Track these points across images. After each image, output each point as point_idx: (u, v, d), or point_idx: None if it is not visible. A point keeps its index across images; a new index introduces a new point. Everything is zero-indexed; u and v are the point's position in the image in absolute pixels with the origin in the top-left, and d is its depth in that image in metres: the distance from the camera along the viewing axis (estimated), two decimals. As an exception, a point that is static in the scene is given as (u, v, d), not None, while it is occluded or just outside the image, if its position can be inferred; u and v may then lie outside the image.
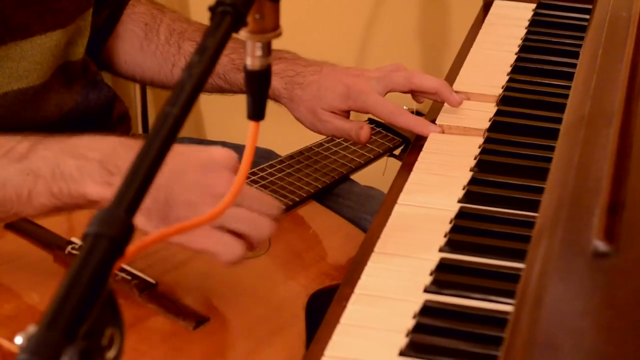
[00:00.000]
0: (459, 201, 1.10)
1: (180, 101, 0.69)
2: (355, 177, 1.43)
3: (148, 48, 1.45)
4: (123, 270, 1.05)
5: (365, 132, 1.31)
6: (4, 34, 1.21)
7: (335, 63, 1.39)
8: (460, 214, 1.08)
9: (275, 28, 0.84)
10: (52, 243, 1.09)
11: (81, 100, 1.35)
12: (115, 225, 0.62)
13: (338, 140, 1.44)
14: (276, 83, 1.37)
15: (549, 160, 1.05)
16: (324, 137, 1.44)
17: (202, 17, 0.90)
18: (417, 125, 1.31)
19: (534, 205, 1.02)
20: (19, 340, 0.57)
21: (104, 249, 0.61)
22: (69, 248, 1.07)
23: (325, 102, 1.33)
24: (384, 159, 1.48)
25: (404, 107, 1.60)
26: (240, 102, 0.85)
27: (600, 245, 0.76)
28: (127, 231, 0.63)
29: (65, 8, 1.28)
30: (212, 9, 0.74)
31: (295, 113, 1.37)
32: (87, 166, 0.97)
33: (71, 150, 0.98)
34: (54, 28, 1.26)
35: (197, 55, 0.72)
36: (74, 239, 1.08)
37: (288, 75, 1.37)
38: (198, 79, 0.71)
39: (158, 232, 0.73)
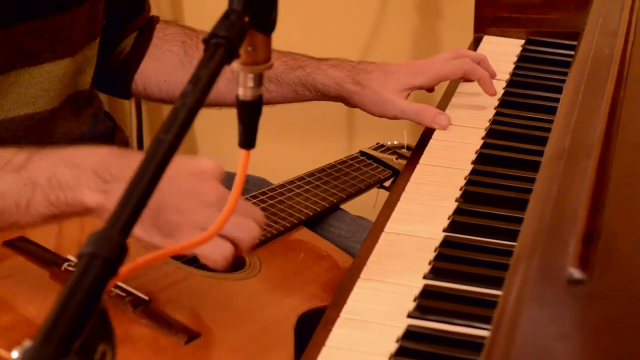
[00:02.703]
0: (444, 230, 1.13)
1: (173, 129, 0.72)
2: (345, 207, 1.45)
3: (190, 64, 1.48)
4: (118, 287, 1.08)
5: (444, 118, 1.40)
6: (15, 60, 1.23)
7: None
8: (445, 243, 1.10)
9: (267, 60, 0.86)
10: (50, 260, 1.11)
11: (88, 130, 1.37)
12: (109, 246, 0.65)
13: (329, 170, 1.46)
14: (337, 72, 1.44)
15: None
16: (316, 167, 1.47)
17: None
18: (484, 77, 1.44)
19: (516, 235, 1.03)
20: (15, 354, 0.59)
21: (97, 268, 0.63)
22: (65, 265, 1.09)
23: (396, 81, 1.42)
24: (375, 190, 1.51)
25: (395, 142, 1.63)
26: (233, 131, 0.88)
27: (575, 272, 0.78)
28: (121, 252, 0.65)
29: (75, 37, 1.30)
30: (205, 41, 0.77)
31: (361, 98, 1.43)
32: (82, 175, 0.99)
33: (66, 159, 1.01)
34: (62, 56, 1.28)
35: (191, 85, 0.75)
36: (70, 257, 1.11)
37: (350, 65, 1.45)
38: (191, 107, 0.73)
39: (151, 255, 0.76)
